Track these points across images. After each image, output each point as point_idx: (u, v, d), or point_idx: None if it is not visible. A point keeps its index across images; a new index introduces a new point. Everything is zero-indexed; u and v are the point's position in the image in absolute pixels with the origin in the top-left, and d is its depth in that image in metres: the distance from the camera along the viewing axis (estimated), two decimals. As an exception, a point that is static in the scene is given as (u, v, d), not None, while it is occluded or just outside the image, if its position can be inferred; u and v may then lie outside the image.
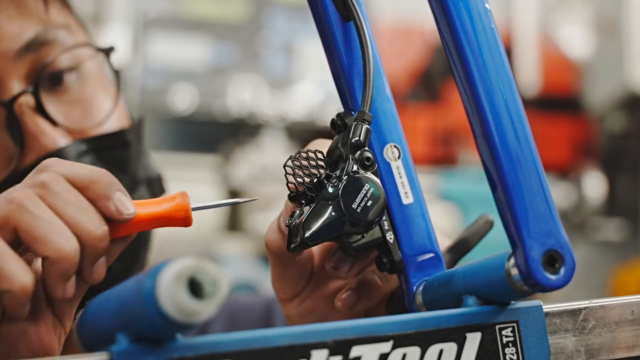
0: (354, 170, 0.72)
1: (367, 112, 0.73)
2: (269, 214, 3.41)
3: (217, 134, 4.03)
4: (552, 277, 0.61)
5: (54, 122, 0.94)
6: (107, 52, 1.04)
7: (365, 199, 0.71)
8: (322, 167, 0.74)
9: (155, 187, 1.03)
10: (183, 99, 3.94)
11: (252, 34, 4.21)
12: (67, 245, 0.66)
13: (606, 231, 4.48)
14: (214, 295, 0.52)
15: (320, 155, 0.75)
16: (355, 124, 0.73)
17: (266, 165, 3.78)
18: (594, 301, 0.67)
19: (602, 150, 4.62)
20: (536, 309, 0.65)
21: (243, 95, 4.07)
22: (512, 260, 0.62)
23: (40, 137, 0.93)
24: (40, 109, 0.94)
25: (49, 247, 0.65)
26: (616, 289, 4.19)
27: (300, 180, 0.73)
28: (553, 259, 0.61)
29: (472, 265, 0.67)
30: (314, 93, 4.16)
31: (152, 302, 0.52)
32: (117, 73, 1.04)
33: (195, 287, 0.52)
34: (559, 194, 4.34)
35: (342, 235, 0.72)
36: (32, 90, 0.94)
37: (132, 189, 0.98)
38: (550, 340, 0.65)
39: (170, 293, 0.52)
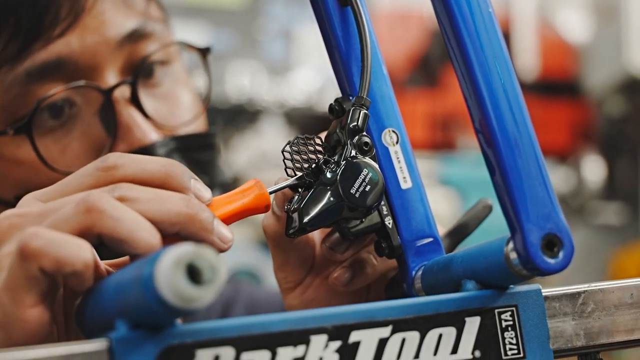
0: (352, 155, 0.72)
1: (365, 97, 0.73)
2: (268, 200, 3.41)
3: (215, 121, 4.03)
4: (551, 261, 0.61)
5: (146, 115, 0.95)
6: (204, 52, 1.05)
7: (364, 184, 0.71)
8: (320, 152, 0.74)
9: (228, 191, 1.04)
10: (181, 86, 3.93)
11: (250, 20, 4.21)
12: (153, 238, 0.64)
13: (605, 215, 4.49)
14: (213, 282, 0.52)
15: (318, 141, 0.75)
16: (353, 109, 0.72)
17: (265, 151, 3.78)
18: (593, 285, 0.67)
19: (601, 134, 4.63)
20: (535, 292, 0.65)
21: (241, 82, 4.06)
22: (510, 245, 0.62)
23: (133, 129, 0.94)
24: (135, 101, 0.95)
25: (136, 245, 0.64)
26: (615, 272, 4.20)
27: (298, 165, 0.73)
28: (552, 243, 0.61)
29: (471, 250, 0.67)
30: (312, 79, 4.16)
31: (150, 289, 0.52)
32: (209, 74, 1.05)
33: (193, 273, 0.52)
34: (558, 178, 4.34)
35: (340, 220, 0.72)
36: (131, 81, 0.95)
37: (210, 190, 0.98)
38: (550, 324, 0.65)
39: (168, 279, 0.52)
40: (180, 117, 1.01)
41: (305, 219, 0.71)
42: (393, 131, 0.76)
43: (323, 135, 0.76)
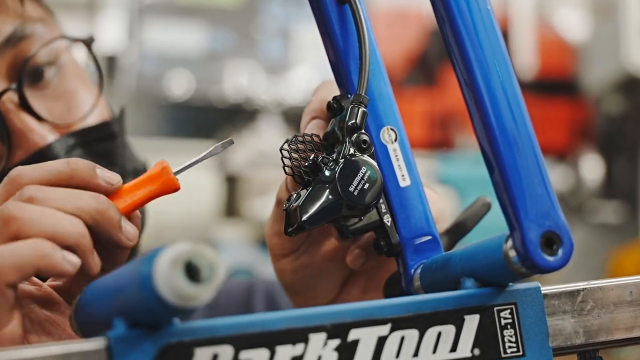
0: (350, 153, 0.72)
1: (363, 95, 0.73)
2: (266, 199, 3.41)
3: (213, 120, 4.03)
4: (550, 258, 0.61)
5: (39, 118, 0.92)
6: (88, 42, 1.01)
7: (362, 181, 0.71)
8: (318, 150, 0.74)
9: None
10: (179, 85, 3.94)
11: (247, 19, 4.20)
12: (77, 226, 0.67)
13: (604, 214, 4.48)
14: (211, 280, 0.52)
15: (316, 139, 0.75)
16: (352, 107, 0.72)
17: (263, 150, 3.78)
18: (592, 282, 0.67)
19: (599, 133, 4.62)
20: (534, 290, 0.65)
21: (239, 81, 4.06)
22: (509, 242, 0.62)
23: (28, 134, 0.91)
24: (24, 105, 0.92)
25: (64, 238, 0.66)
26: (614, 271, 4.19)
27: (296, 163, 0.73)
28: (551, 241, 0.61)
29: (470, 248, 0.66)
30: (310, 77, 4.16)
31: (148, 287, 0.52)
32: (98, 63, 1.02)
33: (192, 272, 0.52)
34: (557, 176, 4.33)
35: (339, 218, 0.72)
36: (15, 86, 0.92)
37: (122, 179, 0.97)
38: (549, 321, 0.65)
39: (166, 277, 0.52)
40: (76, 112, 0.97)
41: (304, 217, 0.71)
42: (391, 129, 0.76)
43: (321, 133, 0.76)
